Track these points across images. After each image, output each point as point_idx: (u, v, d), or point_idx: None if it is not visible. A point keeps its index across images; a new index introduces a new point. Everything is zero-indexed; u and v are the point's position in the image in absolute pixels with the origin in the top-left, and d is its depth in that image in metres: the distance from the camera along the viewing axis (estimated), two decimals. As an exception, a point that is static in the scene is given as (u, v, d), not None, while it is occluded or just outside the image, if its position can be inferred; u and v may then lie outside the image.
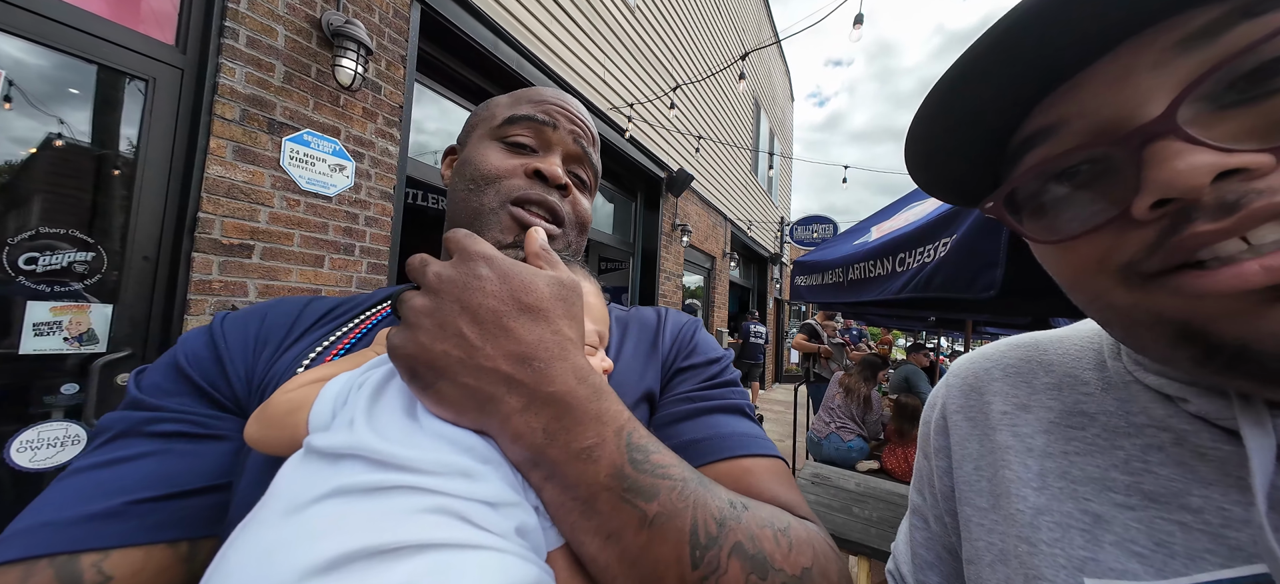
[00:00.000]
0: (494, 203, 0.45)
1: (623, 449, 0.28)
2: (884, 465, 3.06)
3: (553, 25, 3.39)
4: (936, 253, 1.58)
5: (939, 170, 0.33)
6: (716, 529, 0.27)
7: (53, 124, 1.46)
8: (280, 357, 0.41)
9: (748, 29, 7.98)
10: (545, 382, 0.28)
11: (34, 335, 1.41)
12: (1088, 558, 0.29)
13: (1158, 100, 0.22)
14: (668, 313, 0.54)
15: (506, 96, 0.52)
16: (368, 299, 0.50)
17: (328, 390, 0.31)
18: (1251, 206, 0.20)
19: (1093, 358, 0.36)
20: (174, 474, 0.34)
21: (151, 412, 0.36)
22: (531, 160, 0.47)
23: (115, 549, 0.31)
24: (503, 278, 0.30)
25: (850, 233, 3.13)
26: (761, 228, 9.49)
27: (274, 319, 0.44)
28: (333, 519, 0.23)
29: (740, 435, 0.41)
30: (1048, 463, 0.33)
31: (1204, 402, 0.27)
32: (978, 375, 0.41)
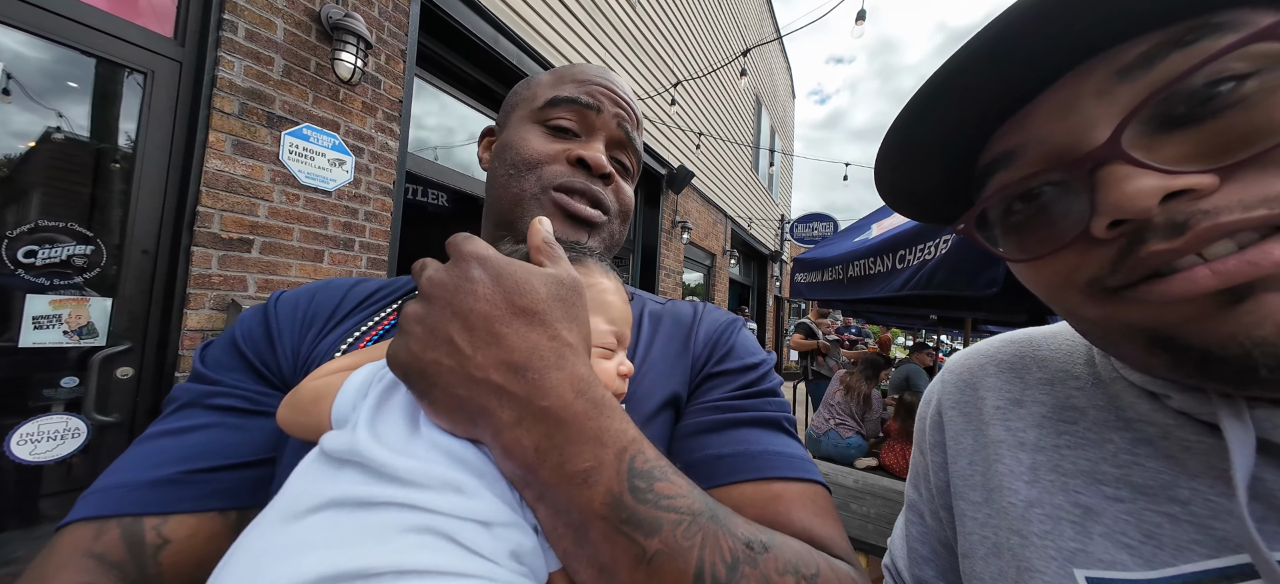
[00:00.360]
0: (535, 189, 0.44)
1: (623, 475, 0.25)
2: (882, 462, 3.07)
3: (552, 20, 3.37)
4: (937, 250, 1.57)
5: (908, 195, 0.35)
6: (727, 574, 0.24)
7: (51, 117, 1.45)
8: (324, 338, 0.42)
9: (749, 25, 7.94)
10: (539, 394, 0.25)
11: (33, 329, 1.42)
12: (1078, 549, 0.29)
13: (1103, 127, 0.23)
14: (705, 309, 0.50)
15: (549, 75, 0.50)
16: (405, 284, 0.49)
17: (351, 382, 0.31)
18: (1198, 227, 0.21)
19: (1083, 353, 0.36)
20: (227, 447, 0.36)
21: (212, 385, 0.38)
22: (574, 146, 0.45)
23: (174, 515, 0.33)
24: (496, 279, 0.27)
25: (850, 230, 3.12)
26: (762, 225, 9.48)
27: (322, 300, 0.45)
28: (322, 534, 0.23)
29: (773, 454, 0.36)
30: (1039, 456, 0.33)
31: (1185, 398, 0.27)
32: (972, 371, 0.42)
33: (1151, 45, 0.23)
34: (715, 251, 7.13)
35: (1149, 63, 0.23)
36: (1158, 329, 0.24)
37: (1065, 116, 0.25)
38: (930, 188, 0.34)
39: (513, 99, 0.51)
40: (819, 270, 2.80)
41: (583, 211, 0.44)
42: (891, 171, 0.33)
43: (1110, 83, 0.24)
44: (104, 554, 0.30)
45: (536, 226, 0.32)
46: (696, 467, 0.35)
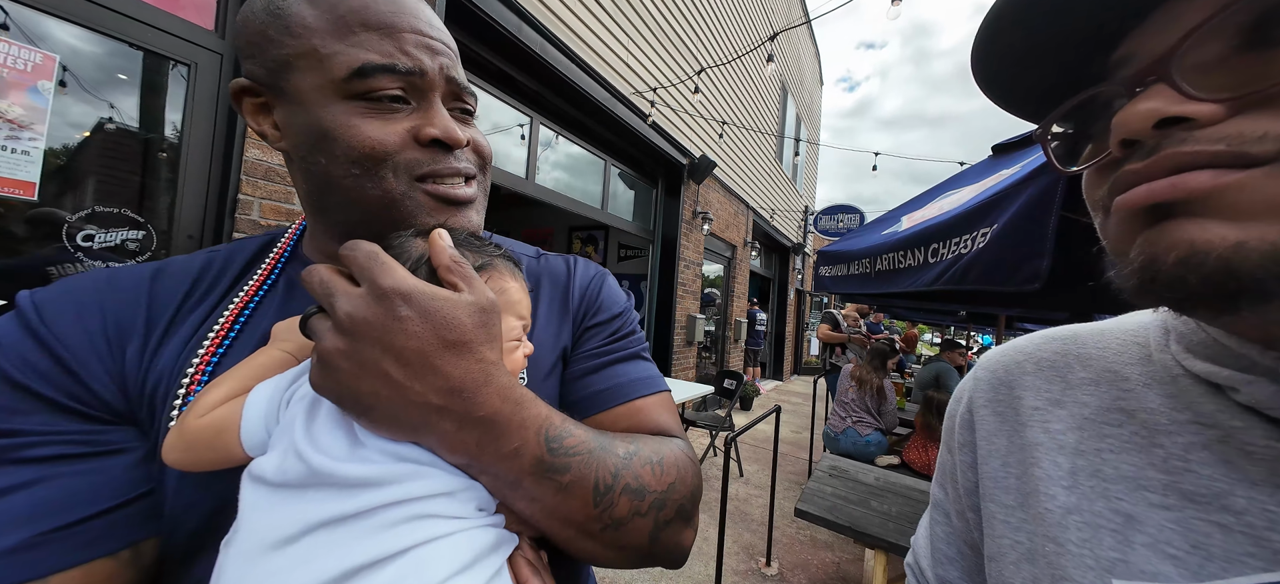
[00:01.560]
0: (402, 187, 0.38)
1: (542, 443, 0.33)
2: (905, 460, 2.99)
3: (576, 6, 3.35)
4: (974, 244, 1.50)
5: (1007, 73, 0.31)
6: (611, 480, 0.36)
7: (104, 108, 1.54)
8: (156, 353, 0.37)
9: (777, 9, 7.70)
10: (474, 408, 0.30)
11: (93, 307, 1.52)
12: (1117, 559, 0.28)
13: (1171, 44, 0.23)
14: (576, 264, 0.56)
15: (323, 19, 0.36)
16: (231, 262, 0.43)
17: (253, 409, 0.32)
18: (1161, 153, 0.22)
19: (1136, 353, 0.34)
20: (80, 496, 0.31)
21: (7, 437, 0.31)
22: (419, 123, 0.39)
23: (53, 575, 0.29)
24: (424, 317, 0.29)
25: (878, 222, 3.02)
26: (784, 217, 9.28)
27: (118, 305, 0.37)
28: (324, 546, 0.27)
29: (635, 380, 0.49)
30: (1079, 461, 0.32)
31: (1255, 388, 0.25)
32: (1008, 369, 0.40)
33: None
34: (736, 243, 7.03)
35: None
36: (1121, 244, 0.26)
37: (1166, 27, 0.24)
38: (1042, 80, 0.30)
39: (275, 49, 0.37)
40: (844, 263, 2.73)
41: (458, 193, 0.40)
42: (999, 47, 0.30)
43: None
44: None
45: (440, 247, 0.32)
46: (585, 400, 0.47)
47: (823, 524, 1.83)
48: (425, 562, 0.27)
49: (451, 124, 0.40)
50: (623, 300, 0.56)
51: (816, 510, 1.87)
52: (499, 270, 0.39)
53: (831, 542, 2.90)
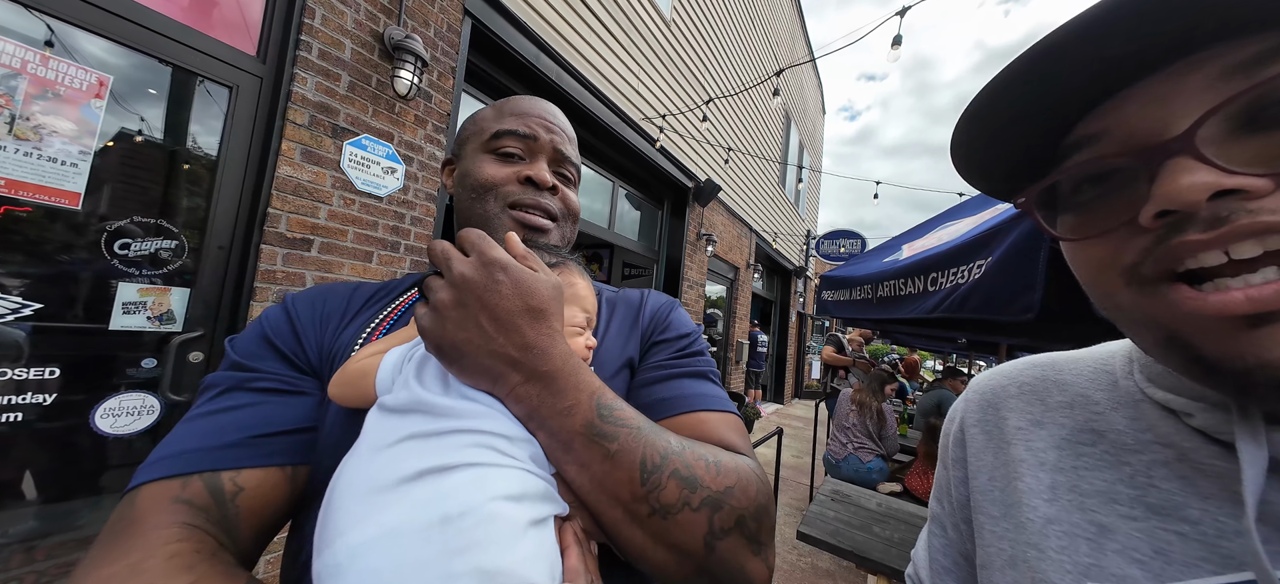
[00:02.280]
0: (496, 209, 0.55)
1: (593, 407, 0.37)
2: (907, 487, 2.98)
3: (592, 38, 3.51)
4: (970, 275, 1.57)
5: (981, 161, 0.35)
6: (660, 460, 0.37)
7: (147, 126, 1.63)
8: (341, 332, 0.51)
9: (782, 42, 7.97)
10: (541, 363, 0.37)
11: (122, 313, 1.58)
12: (1092, 564, 0.31)
13: (1186, 120, 0.23)
14: (649, 294, 0.63)
15: (490, 110, 0.60)
16: (398, 285, 0.59)
17: (386, 361, 0.42)
18: (1235, 223, 0.22)
19: (1105, 379, 0.38)
20: (277, 418, 0.43)
21: (251, 372, 0.45)
22: (522, 168, 0.56)
23: (245, 469, 0.40)
24: (515, 284, 0.37)
25: (880, 250, 3.09)
26: (787, 240, 9.39)
27: (332, 302, 0.54)
28: (411, 450, 0.34)
29: (701, 394, 0.50)
30: (1058, 476, 0.35)
31: (1207, 416, 0.29)
32: (995, 392, 0.43)
33: (1272, 44, 0.22)
34: (739, 265, 7.11)
35: (1263, 61, 0.22)
36: (1177, 332, 0.25)
37: (1161, 106, 0.25)
38: (1006, 159, 0.33)
39: (463, 133, 0.61)
40: (847, 289, 2.79)
41: (535, 220, 0.56)
42: (971, 136, 0.33)
43: (1217, 78, 0.23)
44: (192, 500, 0.37)
45: (514, 240, 0.42)
46: (648, 408, 0.47)
47: (825, 548, 1.83)
48: (484, 479, 0.32)
49: (545, 171, 0.57)
50: (692, 326, 0.59)
51: (819, 534, 1.88)
52: (569, 268, 0.50)
53: (833, 568, 2.87)
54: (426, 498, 0.31)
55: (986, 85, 0.29)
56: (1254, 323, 0.23)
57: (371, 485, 0.32)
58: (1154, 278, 0.26)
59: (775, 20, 7.69)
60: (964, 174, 0.37)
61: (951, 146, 0.35)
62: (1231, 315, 0.23)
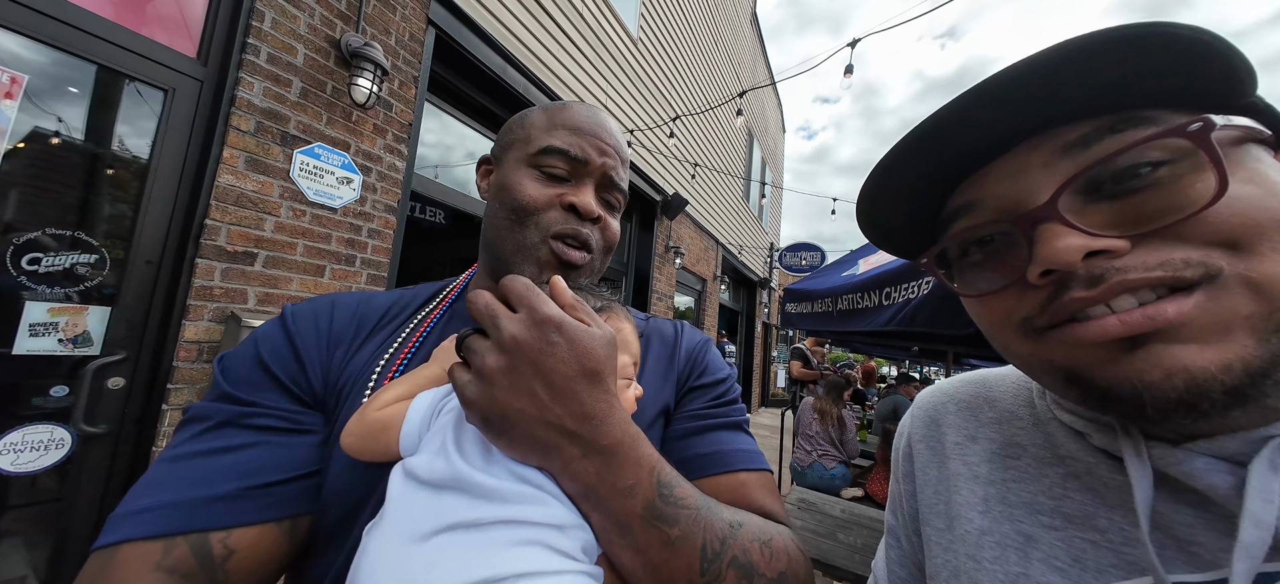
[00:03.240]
0: (535, 239, 0.48)
1: (654, 486, 0.34)
2: (868, 492, 3.10)
3: (560, 53, 3.52)
4: (920, 291, 1.67)
5: (884, 231, 0.39)
6: (720, 546, 0.35)
7: (63, 127, 1.48)
8: (352, 357, 0.46)
9: (744, 64, 8.30)
10: (601, 436, 0.32)
11: (29, 336, 1.41)
12: (1020, 573, 0.33)
13: (1045, 191, 0.28)
14: (684, 329, 0.59)
15: (542, 116, 0.53)
16: (415, 298, 0.54)
17: (413, 415, 0.37)
18: (1110, 281, 0.26)
19: (1025, 396, 0.41)
20: (277, 463, 0.38)
21: (247, 406, 0.40)
22: (567, 192, 0.49)
23: (237, 527, 0.35)
24: (571, 345, 0.32)
25: (839, 264, 3.24)
26: (752, 253, 9.67)
27: (340, 318, 0.48)
28: (453, 551, 0.29)
29: (740, 452, 0.48)
30: (990, 489, 0.37)
31: (1102, 436, 0.32)
32: (936, 408, 0.46)
33: (1091, 128, 0.27)
34: (706, 277, 7.25)
35: (1087, 143, 0.27)
36: (1071, 367, 0.28)
37: (1015, 179, 0.29)
38: (901, 226, 0.38)
39: (508, 135, 0.54)
40: (809, 302, 2.90)
41: (572, 256, 0.49)
42: (871, 209, 0.37)
43: (1055, 156, 0.28)
44: (176, 568, 0.32)
45: (562, 288, 0.37)
46: (685, 462, 0.46)
47: (792, 557, 1.87)
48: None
49: (591, 200, 0.50)
50: (726, 368, 0.57)
51: (786, 544, 1.91)
52: (616, 313, 0.45)
53: (800, 576, 2.92)
54: None
55: (874, 169, 0.33)
56: (1130, 346, 0.26)
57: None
58: (1045, 327, 0.29)
59: (737, 43, 8.01)
60: (871, 239, 0.41)
61: (857, 219, 0.39)
62: (1109, 339, 0.26)
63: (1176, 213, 0.25)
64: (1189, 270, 0.25)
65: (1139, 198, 0.26)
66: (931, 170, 0.33)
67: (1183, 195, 0.25)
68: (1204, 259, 0.25)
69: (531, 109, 0.54)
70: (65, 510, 1.48)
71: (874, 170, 0.33)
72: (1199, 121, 0.24)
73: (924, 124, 0.30)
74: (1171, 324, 0.24)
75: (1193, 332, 0.24)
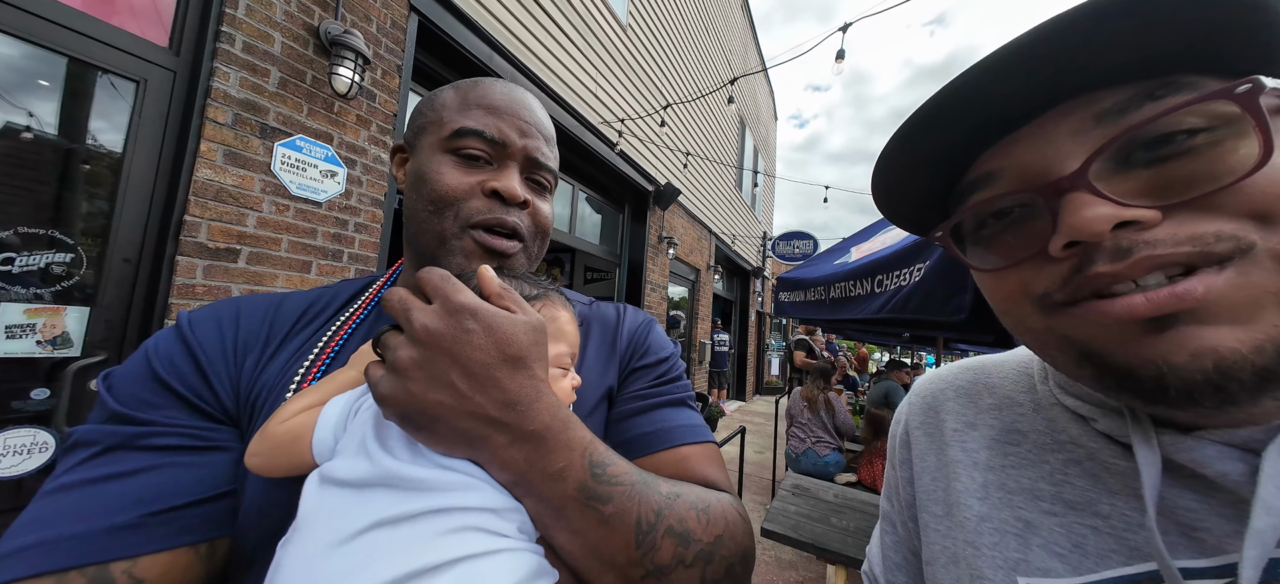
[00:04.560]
0: (454, 229, 0.45)
1: (586, 467, 0.34)
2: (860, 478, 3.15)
3: (547, 40, 3.45)
4: (911, 277, 1.68)
5: (898, 203, 0.38)
6: (654, 518, 0.35)
7: (35, 122, 1.42)
8: (265, 367, 0.42)
9: (734, 51, 8.23)
10: (526, 421, 0.32)
11: (5, 338, 1.37)
12: (1020, 559, 0.33)
13: (1074, 159, 0.26)
14: (625, 311, 0.58)
15: (454, 95, 0.48)
16: (337, 297, 0.51)
17: (325, 420, 0.35)
18: (1138, 256, 0.24)
19: (1025, 382, 0.40)
20: (183, 485, 0.35)
21: (141, 427, 0.36)
22: (489, 178, 0.46)
23: (143, 556, 0.33)
24: (488, 331, 0.32)
25: (831, 252, 3.25)
26: (745, 242, 9.68)
27: (248, 323, 0.44)
28: (379, 548, 0.28)
29: (681, 427, 0.48)
30: (990, 476, 0.37)
31: (1108, 421, 0.31)
32: (934, 395, 0.45)
33: (1130, 94, 0.25)
34: (700, 266, 7.25)
35: (1123, 110, 0.26)
36: (1088, 345, 0.27)
37: (1044, 147, 0.28)
38: (917, 199, 0.36)
39: (420, 118, 0.49)
40: (802, 290, 2.91)
41: (499, 245, 0.46)
42: (885, 181, 0.35)
43: (1088, 123, 0.26)
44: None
45: (488, 276, 0.36)
46: (629, 443, 0.46)
47: (787, 543, 1.90)
48: (474, 576, 0.28)
49: (515, 184, 0.47)
50: (669, 347, 0.56)
51: (781, 529, 1.94)
52: (551, 301, 0.43)
53: (795, 560, 2.97)
54: None
55: (892, 136, 0.32)
56: (1158, 327, 0.24)
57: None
58: (1064, 303, 0.28)
59: (728, 30, 7.93)
60: (884, 212, 0.39)
61: (872, 191, 0.37)
62: (1135, 319, 0.25)
63: (1213, 181, 0.24)
64: (1221, 245, 0.23)
65: (1174, 166, 0.25)
66: (951, 139, 0.31)
67: (1221, 163, 0.24)
68: (1237, 233, 0.23)
69: (444, 88, 0.50)
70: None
71: (894, 136, 0.32)
72: (1248, 83, 0.23)
73: (946, 89, 0.28)
74: (1201, 303, 0.23)
75: (1223, 311, 0.23)
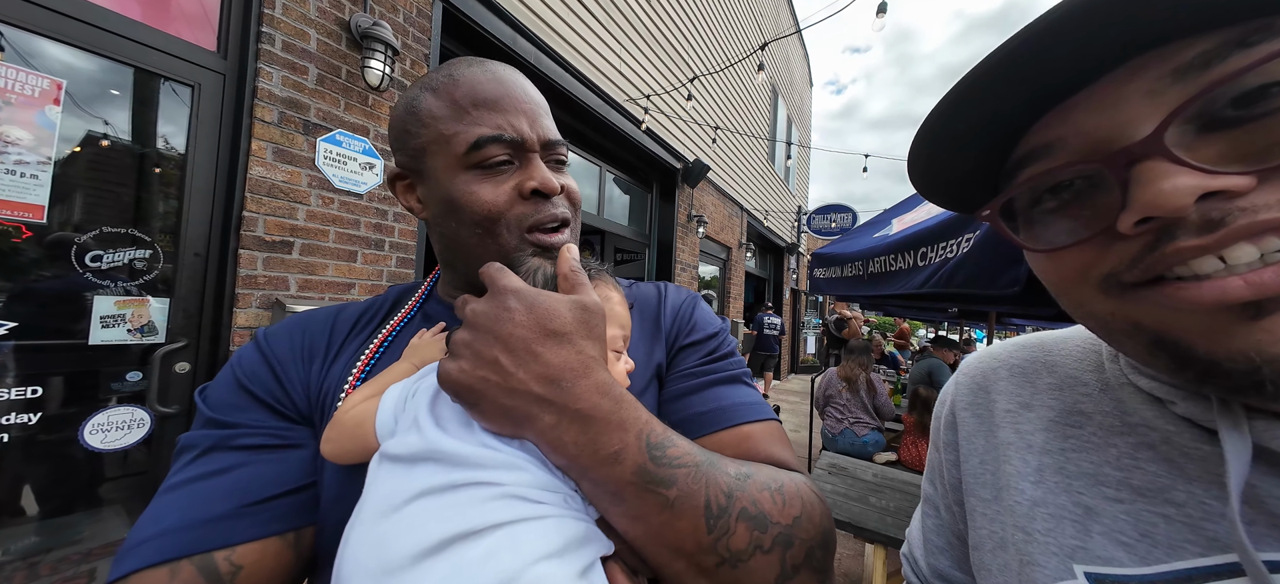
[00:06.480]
0: (514, 241, 0.45)
1: (643, 449, 0.32)
2: (900, 459, 3.05)
3: (571, 18, 3.40)
4: (959, 249, 1.57)
5: (940, 179, 0.35)
6: (726, 500, 0.33)
7: (109, 130, 1.56)
8: (329, 369, 0.46)
9: (766, 15, 7.81)
10: (572, 399, 0.31)
11: (101, 327, 1.54)
12: (1078, 546, 0.31)
13: (1147, 123, 0.23)
14: (666, 290, 0.57)
15: (440, 104, 0.46)
16: (383, 303, 0.54)
17: (385, 403, 0.37)
18: (1234, 224, 0.21)
19: (1092, 360, 0.37)
20: (269, 479, 0.39)
21: (231, 429, 0.41)
22: (522, 179, 0.46)
23: (240, 544, 0.36)
24: (529, 308, 0.33)
25: (870, 225, 3.09)
26: (778, 218, 9.37)
27: (313, 333, 0.48)
28: (426, 513, 0.29)
29: (741, 404, 0.46)
30: (1045, 459, 0.35)
31: (1189, 405, 0.29)
32: (985, 374, 0.43)
33: (1214, 44, 0.22)
34: (731, 245, 7.10)
35: (1207, 63, 0.22)
36: (1164, 332, 0.24)
37: (1111, 110, 0.24)
38: (962, 175, 0.33)
39: (412, 139, 0.47)
40: (838, 266, 2.79)
41: (556, 240, 0.46)
42: (927, 156, 0.32)
43: (1164, 81, 0.23)
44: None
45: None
46: (685, 423, 0.44)
47: (822, 521, 1.88)
48: (518, 539, 0.28)
49: (548, 175, 0.46)
50: (717, 322, 0.55)
51: (816, 508, 1.91)
52: (604, 281, 0.44)
53: (831, 538, 2.95)
54: (453, 574, 0.27)
55: (937, 106, 0.29)
56: (1256, 313, 0.21)
57: (384, 564, 0.28)
58: (1135, 284, 0.25)
59: (760, -8, 7.52)
60: (922, 191, 0.36)
61: (908, 166, 0.34)
62: (1230, 304, 0.22)
63: None
64: None
65: (1269, 124, 0.21)
66: (1003, 109, 0.27)
67: None
68: None
69: (418, 95, 0.47)
70: (153, 482, 1.66)
71: (936, 108, 0.29)
72: None
73: (999, 51, 0.24)
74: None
75: None
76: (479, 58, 0.50)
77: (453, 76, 0.47)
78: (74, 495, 1.53)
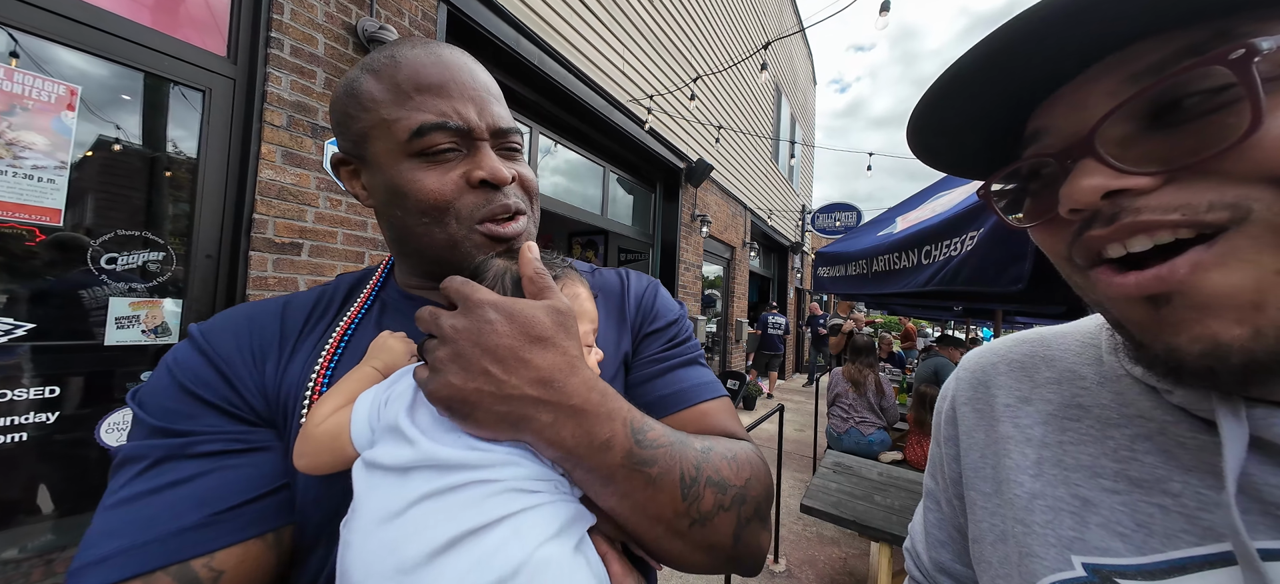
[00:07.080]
0: (461, 231, 0.44)
1: (629, 435, 0.35)
2: (906, 458, 3.04)
3: (573, 19, 3.41)
4: (963, 246, 1.56)
5: (944, 161, 0.37)
6: (695, 472, 0.38)
7: (122, 135, 1.59)
8: (286, 368, 0.43)
9: (769, 13, 7.79)
10: (566, 396, 0.34)
11: (116, 328, 1.57)
12: (1075, 538, 0.32)
13: (1094, 123, 0.25)
14: (629, 277, 0.59)
15: (378, 84, 0.43)
16: (336, 293, 0.51)
17: (358, 414, 0.37)
18: (1120, 222, 0.25)
19: (1091, 354, 0.38)
20: (240, 485, 0.37)
21: (184, 437, 0.37)
22: (469, 168, 0.44)
23: (220, 550, 0.35)
24: (509, 318, 0.34)
25: (874, 223, 3.09)
26: (782, 217, 9.35)
27: (261, 329, 0.45)
28: (431, 515, 0.31)
29: (700, 385, 0.51)
30: (1044, 452, 0.36)
31: (1185, 393, 0.29)
32: (985, 369, 0.44)
33: (1172, 49, 0.23)
34: (735, 244, 7.10)
35: (1160, 68, 0.24)
36: (1110, 311, 0.28)
37: (1079, 108, 0.27)
38: (968, 142, 0.35)
39: (352, 122, 0.45)
40: (842, 264, 2.79)
41: (507, 231, 0.45)
42: (934, 121, 0.33)
43: (1124, 84, 0.25)
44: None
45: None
46: (651, 405, 0.48)
47: (828, 520, 1.88)
48: (522, 528, 0.31)
49: (497, 165, 0.45)
50: (676, 308, 0.58)
51: (822, 506, 1.92)
52: (571, 278, 0.45)
53: (837, 537, 2.95)
54: (470, 568, 0.29)
55: (943, 74, 0.30)
56: (1154, 304, 0.24)
57: (398, 565, 0.29)
58: (1083, 265, 0.28)
59: (763, -10, 7.50)
60: (920, 156, 0.37)
61: (910, 131, 0.35)
62: (1129, 295, 0.25)
63: (1212, 145, 0.22)
64: (1212, 214, 0.22)
65: (1185, 130, 0.24)
66: (993, 103, 0.30)
67: (1223, 126, 0.22)
68: (1237, 199, 0.22)
69: (356, 80, 0.45)
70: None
71: (943, 78, 0.30)
72: (1241, 48, 0.21)
73: (984, 41, 0.26)
74: (1185, 283, 0.23)
75: (1214, 292, 0.23)
76: (424, 38, 0.47)
77: (394, 57, 0.44)
78: (90, 494, 1.56)
